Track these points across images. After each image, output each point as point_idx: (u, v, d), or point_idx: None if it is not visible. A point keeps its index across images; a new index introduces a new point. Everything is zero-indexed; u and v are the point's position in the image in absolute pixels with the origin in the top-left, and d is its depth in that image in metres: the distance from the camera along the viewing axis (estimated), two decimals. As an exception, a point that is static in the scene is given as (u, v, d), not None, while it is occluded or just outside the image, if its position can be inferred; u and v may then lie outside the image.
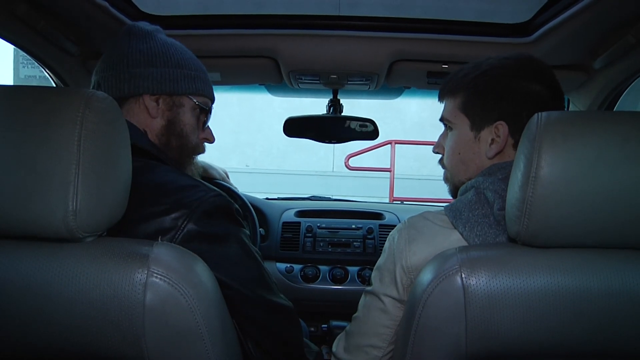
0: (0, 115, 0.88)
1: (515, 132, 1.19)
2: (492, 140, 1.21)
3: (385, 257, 1.21)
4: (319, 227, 2.29)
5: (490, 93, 1.21)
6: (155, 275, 0.92)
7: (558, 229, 0.97)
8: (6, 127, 0.87)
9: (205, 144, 1.38)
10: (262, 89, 2.29)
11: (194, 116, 1.29)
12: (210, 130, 1.37)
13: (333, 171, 8.55)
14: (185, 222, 1.09)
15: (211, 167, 1.87)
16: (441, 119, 1.32)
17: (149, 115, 1.23)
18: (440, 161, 1.34)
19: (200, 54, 1.36)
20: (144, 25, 1.28)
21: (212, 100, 1.35)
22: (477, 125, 1.23)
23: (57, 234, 0.88)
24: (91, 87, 1.25)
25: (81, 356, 0.93)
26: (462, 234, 1.13)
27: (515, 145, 1.19)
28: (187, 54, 1.29)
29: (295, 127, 2.14)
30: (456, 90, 1.26)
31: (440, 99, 1.33)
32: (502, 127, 1.20)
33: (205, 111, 1.32)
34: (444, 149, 1.32)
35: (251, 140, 8.83)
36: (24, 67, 9.16)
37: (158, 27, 1.30)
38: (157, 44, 1.25)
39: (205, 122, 1.34)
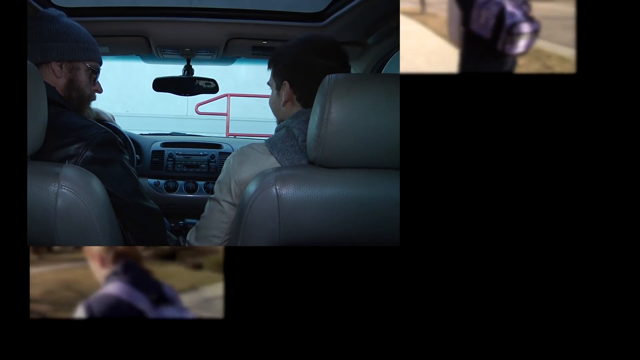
0: None
1: (297, 91, 1.35)
2: (284, 95, 1.37)
3: (224, 174, 1.32)
4: (177, 154, 2.52)
5: (286, 66, 1.38)
6: (64, 187, 1.00)
7: (343, 155, 1.07)
8: None
9: (97, 94, 1.49)
10: (137, 58, 2.53)
11: (87, 75, 1.40)
12: (99, 84, 1.47)
13: (187, 115, 9.43)
14: (85, 150, 1.21)
15: (102, 112, 2.01)
16: (268, 83, 1.46)
17: (55, 76, 1.35)
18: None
19: (94, 34, 1.45)
20: (52, 11, 1.40)
21: (100, 63, 1.46)
22: (278, 86, 1.40)
23: None
24: None
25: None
26: (277, 159, 1.23)
27: (299, 99, 1.36)
28: (82, 31, 1.40)
29: (161, 84, 2.45)
30: (272, 64, 1.43)
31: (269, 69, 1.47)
32: (286, 86, 1.36)
33: (95, 72, 1.43)
34: None
35: (130, 93, 9.69)
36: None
37: (62, 12, 1.41)
38: (60, 25, 1.36)
39: (95, 79, 1.45)
